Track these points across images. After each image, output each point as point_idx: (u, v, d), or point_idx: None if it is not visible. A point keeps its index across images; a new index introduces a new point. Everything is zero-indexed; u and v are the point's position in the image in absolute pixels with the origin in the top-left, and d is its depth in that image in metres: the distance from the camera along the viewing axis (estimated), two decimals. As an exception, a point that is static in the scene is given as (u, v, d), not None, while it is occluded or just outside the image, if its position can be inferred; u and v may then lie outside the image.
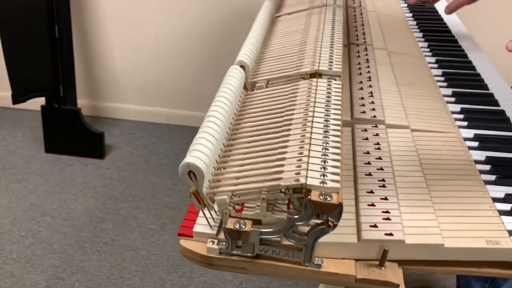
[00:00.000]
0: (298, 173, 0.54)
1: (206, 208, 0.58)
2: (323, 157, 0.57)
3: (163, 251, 1.58)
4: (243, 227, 0.56)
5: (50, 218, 1.69)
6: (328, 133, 0.61)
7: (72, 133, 1.98)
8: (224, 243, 0.59)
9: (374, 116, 0.81)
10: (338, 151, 0.58)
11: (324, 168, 0.55)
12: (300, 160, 0.57)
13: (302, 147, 0.59)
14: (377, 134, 0.77)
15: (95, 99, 2.34)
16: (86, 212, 1.72)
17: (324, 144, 0.59)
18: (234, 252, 0.59)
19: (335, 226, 0.53)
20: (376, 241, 0.57)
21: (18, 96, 1.80)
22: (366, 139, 0.76)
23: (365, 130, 0.78)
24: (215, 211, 0.59)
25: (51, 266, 1.50)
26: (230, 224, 0.56)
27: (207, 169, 0.55)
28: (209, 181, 0.57)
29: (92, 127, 1.99)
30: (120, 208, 1.75)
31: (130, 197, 1.81)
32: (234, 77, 0.72)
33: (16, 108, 2.21)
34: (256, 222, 0.57)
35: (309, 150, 0.58)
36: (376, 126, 0.80)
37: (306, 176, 0.53)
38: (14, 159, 1.99)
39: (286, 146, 0.60)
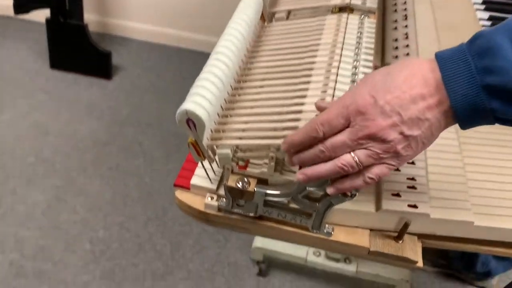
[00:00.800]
0: (316, 131, 0.46)
1: (206, 160, 0.50)
2: (347, 113, 0.48)
3: (166, 180, 1.55)
4: (247, 186, 0.49)
5: (53, 138, 1.65)
6: (355, 84, 0.52)
7: (78, 50, 1.88)
8: (224, 200, 0.52)
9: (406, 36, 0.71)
10: (365, 107, 0.49)
11: (347, 128, 0.46)
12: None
13: (323, 100, 0.50)
14: (407, 54, 0.68)
15: (103, 15, 2.20)
16: (90, 134, 1.68)
17: (349, 97, 0.50)
18: (235, 210, 0.52)
19: (353, 195, 0.46)
20: (397, 213, 0.50)
21: (20, 5, 1.69)
22: (396, 57, 0.66)
23: (396, 48, 0.69)
24: (217, 164, 0.51)
25: (53, 187, 1.48)
26: (232, 181, 0.49)
27: (209, 118, 0.46)
28: (211, 130, 0.49)
29: (99, 45, 1.88)
30: (125, 132, 1.70)
31: (136, 121, 1.75)
32: (249, 6, 0.61)
33: (21, 18, 2.09)
34: (262, 181, 0.50)
35: (333, 96, 0.49)
36: (407, 46, 0.69)
37: (325, 136, 0.45)
38: (19, 73, 1.91)
39: (304, 96, 0.51)
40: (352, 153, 0.42)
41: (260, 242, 1.22)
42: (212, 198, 0.52)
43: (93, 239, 1.34)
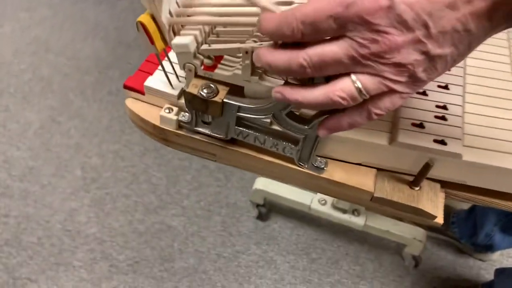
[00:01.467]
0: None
1: (168, 63, 0.37)
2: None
3: (170, 111, 1.44)
4: (213, 95, 0.35)
5: (53, 56, 1.53)
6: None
7: (87, -37, 1.73)
8: (186, 114, 0.40)
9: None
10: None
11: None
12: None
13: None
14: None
15: None
16: (93, 54, 1.56)
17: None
18: (200, 129, 0.40)
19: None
20: (417, 148, 0.37)
21: None
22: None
23: None
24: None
25: (48, 107, 1.38)
26: (194, 87, 0.36)
27: None
28: (177, 3, 0.35)
29: (110, -42, 1.72)
30: (131, 56, 1.57)
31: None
32: None
33: None
34: (235, 90, 0.37)
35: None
36: None
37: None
38: (24, -15, 1.78)
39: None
40: (353, 76, 0.28)
41: (261, 184, 1.10)
42: (170, 110, 0.40)
43: (85, 166, 1.25)
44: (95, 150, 1.29)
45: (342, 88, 0.28)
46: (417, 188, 0.39)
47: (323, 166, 0.38)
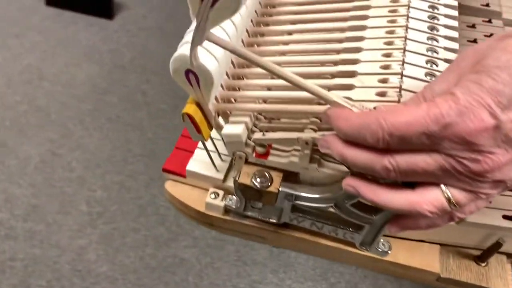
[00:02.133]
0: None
1: (208, 140, 0.34)
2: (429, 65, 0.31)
3: (172, 136, 1.39)
4: (268, 184, 0.33)
5: (48, 84, 1.49)
6: (436, 33, 0.35)
7: (76, -15, 1.68)
8: (234, 198, 0.37)
9: (487, 5, 0.53)
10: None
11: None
12: (388, 66, 0.31)
13: (388, 56, 0.33)
14: (490, 35, 0.50)
15: None
16: (88, 80, 1.51)
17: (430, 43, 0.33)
18: (249, 214, 0.37)
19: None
20: (486, 227, 0.34)
21: None
22: (474, 41, 0.48)
23: (473, 26, 0.50)
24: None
25: (47, 139, 1.34)
26: (246, 176, 0.33)
27: (219, 71, 0.30)
28: (222, 86, 0.32)
29: (100, -21, 1.67)
30: (128, 79, 1.53)
31: (140, 68, 1.57)
32: None
33: None
34: (290, 176, 0.34)
35: (404, 50, 0.32)
36: (489, 21, 0.51)
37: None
38: (11, 10, 1.72)
39: (361, 39, 0.34)
40: (444, 187, 0.25)
41: (274, 211, 1.07)
42: (216, 195, 0.37)
43: (90, 200, 1.21)
44: (99, 183, 1.25)
45: (431, 201, 0.25)
46: (484, 264, 0.36)
47: (387, 249, 0.35)
